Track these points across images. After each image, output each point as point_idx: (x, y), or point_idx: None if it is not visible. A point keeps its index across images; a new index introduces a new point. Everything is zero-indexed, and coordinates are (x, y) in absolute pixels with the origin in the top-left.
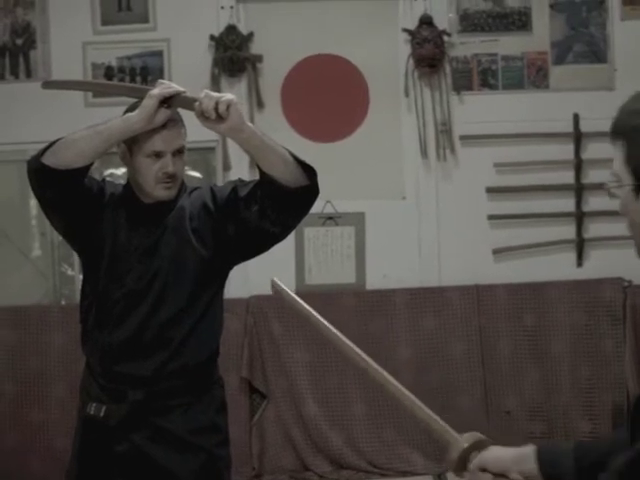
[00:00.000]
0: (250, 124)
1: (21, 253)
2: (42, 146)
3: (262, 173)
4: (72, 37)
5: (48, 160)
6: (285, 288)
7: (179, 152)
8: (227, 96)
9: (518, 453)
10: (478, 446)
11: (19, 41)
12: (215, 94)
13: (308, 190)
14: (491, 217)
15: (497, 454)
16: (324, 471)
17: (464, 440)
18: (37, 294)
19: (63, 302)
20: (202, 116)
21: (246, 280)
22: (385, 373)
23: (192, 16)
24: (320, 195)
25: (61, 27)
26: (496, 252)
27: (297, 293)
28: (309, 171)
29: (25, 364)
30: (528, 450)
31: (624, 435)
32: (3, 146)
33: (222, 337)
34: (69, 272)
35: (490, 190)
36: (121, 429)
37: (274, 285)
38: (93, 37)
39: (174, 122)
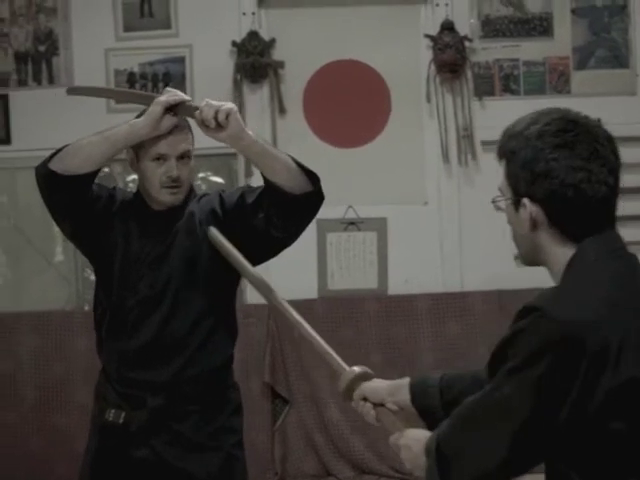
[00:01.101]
0: (250, 132)
1: (44, 258)
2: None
3: (266, 180)
4: (94, 43)
5: (55, 166)
6: (223, 240)
7: (184, 157)
8: (227, 105)
9: (393, 384)
10: (363, 378)
11: (42, 48)
12: (215, 103)
13: (313, 196)
14: None
15: (375, 385)
16: (346, 476)
17: (351, 372)
18: (60, 299)
19: (86, 307)
20: (202, 124)
21: None
22: (293, 311)
23: (214, 22)
24: (342, 200)
25: (83, 33)
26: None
27: (320, 298)
28: (313, 177)
29: (48, 369)
30: (403, 382)
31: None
32: (26, 152)
33: (244, 342)
34: (92, 277)
35: None
36: (140, 435)
37: (212, 235)
38: (115, 43)
39: (180, 127)
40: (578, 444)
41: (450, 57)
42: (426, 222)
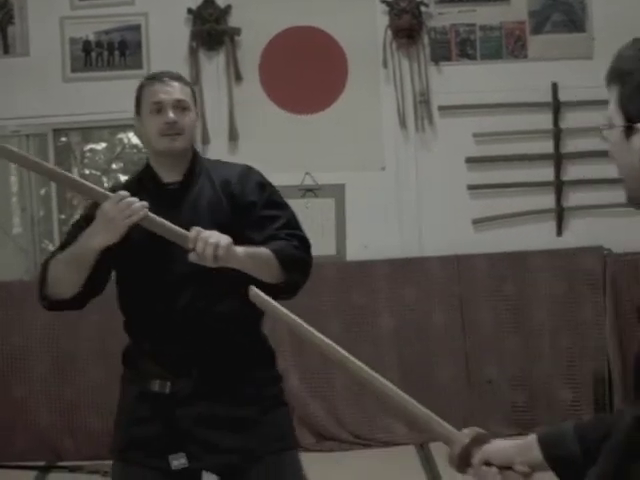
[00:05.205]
0: (239, 252)
1: (2, 230)
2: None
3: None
4: (50, 12)
5: (50, 294)
6: (266, 297)
7: (181, 106)
8: (223, 241)
9: (520, 443)
10: (479, 440)
11: None
12: (209, 238)
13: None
14: (471, 187)
15: (500, 446)
16: (307, 443)
17: (464, 436)
18: (18, 270)
19: None
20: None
21: None
22: (379, 377)
23: None
24: (299, 167)
25: (39, 2)
26: (476, 222)
27: None
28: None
29: (7, 340)
30: (530, 438)
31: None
32: None
33: None
34: (50, 248)
35: (469, 160)
36: (188, 400)
37: (254, 295)
38: (71, 12)
39: (176, 78)
40: None
41: (406, 22)
42: (384, 188)
